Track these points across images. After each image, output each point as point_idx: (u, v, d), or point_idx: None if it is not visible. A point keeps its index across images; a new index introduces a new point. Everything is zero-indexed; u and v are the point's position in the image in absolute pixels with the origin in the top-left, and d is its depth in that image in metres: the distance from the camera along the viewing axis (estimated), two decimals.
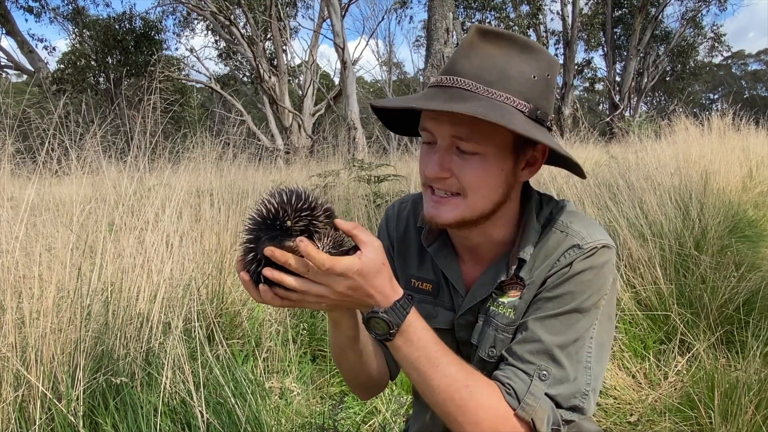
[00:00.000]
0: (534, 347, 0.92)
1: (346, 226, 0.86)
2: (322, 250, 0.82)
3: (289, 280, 0.81)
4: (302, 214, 0.82)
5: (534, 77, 0.92)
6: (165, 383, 1.85)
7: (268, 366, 2.62)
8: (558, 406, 0.90)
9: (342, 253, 0.83)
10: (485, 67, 0.91)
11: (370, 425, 2.29)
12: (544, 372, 0.90)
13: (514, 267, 0.99)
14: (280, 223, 0.82)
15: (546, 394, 0.90)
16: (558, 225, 1.00)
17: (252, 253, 0.84)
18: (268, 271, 0.81)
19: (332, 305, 0.88)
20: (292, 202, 0.83)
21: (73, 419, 1.68)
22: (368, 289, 0.85)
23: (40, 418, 1.67)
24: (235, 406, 1.93)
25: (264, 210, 0.84)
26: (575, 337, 0.92)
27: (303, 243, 0.78)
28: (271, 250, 0.79)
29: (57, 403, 1.69)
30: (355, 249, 0.86)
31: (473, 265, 1.06)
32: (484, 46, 0.92)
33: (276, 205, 0.83)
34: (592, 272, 0.93)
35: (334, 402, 2.46)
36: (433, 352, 0.88)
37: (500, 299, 1.01)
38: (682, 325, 2.73)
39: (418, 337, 0.88)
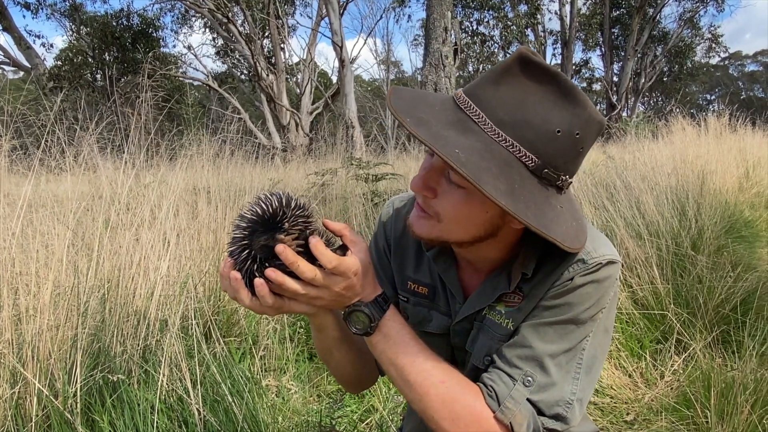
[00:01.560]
0: (523, 352, 0.91)
1: (335, 226, 0.87)
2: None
3: (291, 283, 0.81)
4: (299, 220, 0.82)
5: (558, 131, 0.81)
6: (162, 381, 1.85)
7: (265, 364, 2.62)
8: (540, 413, 0.89)
9: (335, 252, 0.85)
10: (507, 102, 0.82)
11: (367, 423, 2.29)
12: (529, 378, 0.89)
13: (517, 281, 0.95)
14: (279, 222, 0.81)
15: (528, 400, 0.88)
16: None
17: (246, 251, 0.82)
18: (271, 272, 0.79)
19: (323, 306, 0.89)
20: (291, 205, 0.82)
21: (69, 416, 1.67)
22: (359, 288, 0.87)
23: (37, 415, 1.66)
24: (232, 404, 1.92)
25: (259, 210, 0.82)
26: (567, 347, 0.91)
27: (314, 239, 0.79)
28: (283, 248, 0.77)
29: (53, 400, 1.68)
30: (343, 248, 0.87)
31: (472, 272, 1.04)
32: (519, 77, 0.82)
33: (273, 206, 0.82)
34: (592, 286, 0.91)
35: (331, 400, 2.46)
36: (410, 347, 0.89)
37: (497, 308, 0.98)
38: (678, 325, 2.74)
39: (396, 332, 0.89)
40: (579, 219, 0.90)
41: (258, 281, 0.81)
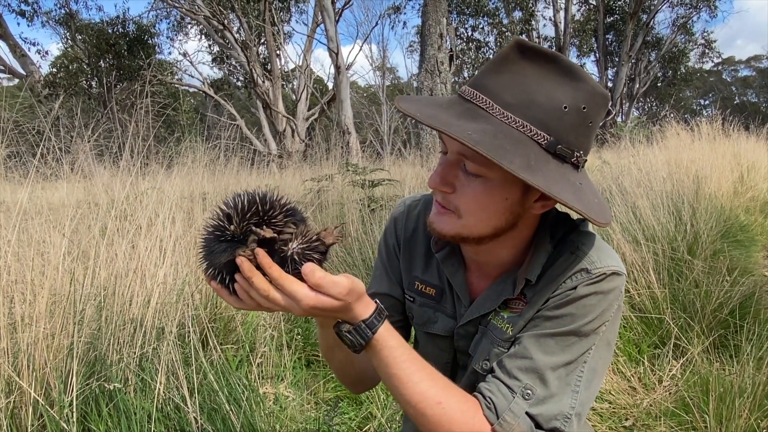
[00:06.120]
0: (524, 364, 0.90)
1: (313, 279, 0.80)
2: (294, 249, 0.82)
3: (254, 293, 0.81)
4: (250, 221, 0.82)
5: (565, 107, 0.83)
6: (159, 389, 1.84)
7: (262, 371, 2.61)
8: (538, 426, 0.88)
9: (313, 260, 0.83)
10: (510, 86, 0.83)
11: (365, 431, 2.28)
12: (529, 391, 0.88)
13: (521, 287, 0.96)
14: (224, 230, 0.82)
15: (527, 413, 0.87)
16: (570, 247, 0.95)
17: (211, 268, 0.85)
18: (239, 279, 0.82)
19: (302, 315, 0.87)
20: (239, 207, 0.82)
21: (65, 426, 1.66)
22: (329, 314, 0.84)
23: (32, 425, 1.65)
24: (230, 412, 1.91)
25: (211, 221, 0.84)
26: (568, 360, 0.90)
27: (259, 255, 0.79)
28: (241, 261, 0.79)
29: (49, 409, 1.67)
30: (325, 250, 0.85)
31: (479, 276, 1.04)
32: (518, 63, 0.84)
33: (222, 214, 0.83)
34: (596, 297, 0.90)
35: (329, 407, 2.45)
36: (403, 369, 0.86)
37: (501, 313, 0.98)
38: (676, 329, 2.74)
39: (386, 354, 0.86)
40: (599, 196, 0.90)
41: (237, 287, 0.83)
